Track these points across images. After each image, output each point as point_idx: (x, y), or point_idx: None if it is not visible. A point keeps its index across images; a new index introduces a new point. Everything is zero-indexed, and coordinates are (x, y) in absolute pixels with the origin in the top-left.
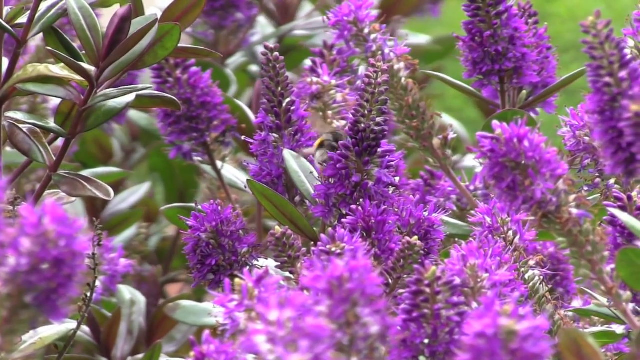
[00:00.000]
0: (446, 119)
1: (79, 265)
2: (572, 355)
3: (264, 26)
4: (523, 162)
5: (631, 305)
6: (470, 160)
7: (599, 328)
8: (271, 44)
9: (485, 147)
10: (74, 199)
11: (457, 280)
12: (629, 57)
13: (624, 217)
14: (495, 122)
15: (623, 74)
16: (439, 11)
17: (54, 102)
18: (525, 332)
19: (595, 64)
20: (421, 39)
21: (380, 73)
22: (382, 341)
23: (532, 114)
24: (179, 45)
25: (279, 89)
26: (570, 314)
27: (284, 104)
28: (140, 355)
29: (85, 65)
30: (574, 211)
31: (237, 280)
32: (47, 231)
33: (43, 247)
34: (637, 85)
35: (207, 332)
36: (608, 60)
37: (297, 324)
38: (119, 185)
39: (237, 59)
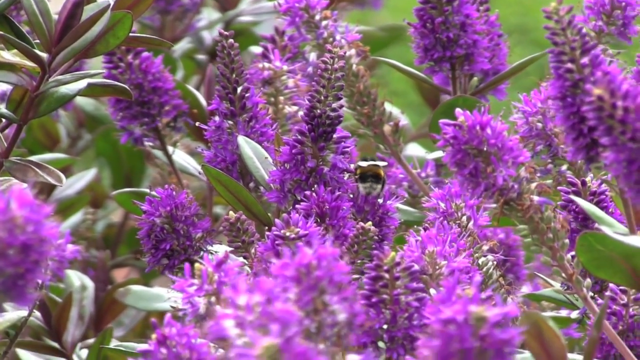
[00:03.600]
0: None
1: (46, 251)
2: (533, 339)
3: (210, 11)
4: (485, 149)
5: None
6: (414, 148)
7: (549, 313)
8: (217, 29)
9: (448, 134)
10: (25, 185)
11: (416, 267)
12: (590, 43)
13: (583, 203)
14: (458, 110)
15: (585, 60)
16: (380, 4)
17: (5, 88)
18: (494, 318)
19: (557, 50)
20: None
21: (336, 59)
22: (350, 328)
23: (482, 101)
24: (131, 34)
25: (234, 75)
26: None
27: (238, 91)
28: (91, 340)
29: (38, 51)
30: (536, 198)
31: (196, 264)
32: (15, 217)
33: (10, 232)
34: (599, 71)
35: (168, 315)
36: (570, 46)
37: (265, 309)
38: (65, 172)
39: (183, 44)
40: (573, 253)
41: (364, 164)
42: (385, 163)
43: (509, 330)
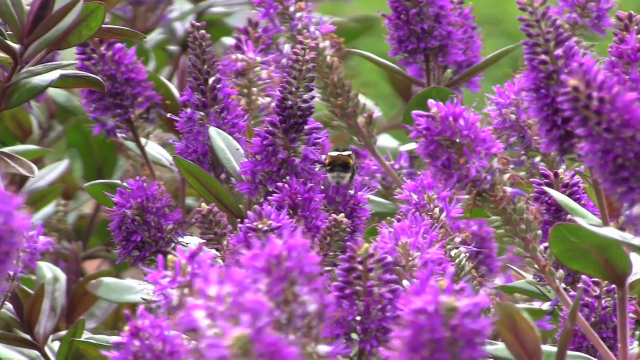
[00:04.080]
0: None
1: (17, 243)
2: (507, 330)
3: (182, 2)
4: (458, 140)
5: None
6: (386, 140)
7: (522, 305)
8: (189, 20)
9: (421, 125)
10: None
11: (389, 258)
12: (564, 34)
13: (556, 194)
14: (430, 101)
15: (559, 51)
16: None
17: None
18: (465, 308)
19: (531, 42)
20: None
21: (308, 50)
22: (320, 319)
23: (456, 92)
24: (103, 25)
25: (205, 66)
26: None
27: (210, 82)
28: (63, 332)
29: (9, 42)
30: (508, 189)
31: (170, 256)
32: None
33: None
34: (573, 62)
35: (141, 307)
36: (544, 38)
37: (236, 300)
38: (37, 163)
39: (155, 35)
40: (546, 244)
41: (333, 153)
42: (349, 152)
43: (480, 320)
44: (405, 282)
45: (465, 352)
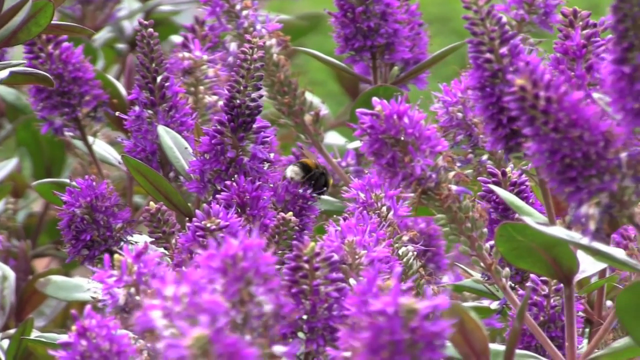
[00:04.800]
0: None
1: None
2: (455, 330)
3: (130, 1)
4: (403, 138)
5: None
6: (334, 137)
7: (470, 303)
8: (137, 19)
9: (365, 123)
10: None
11: (336, 257)
12: (509, 33)
13: (503, 193)
14: (375, 99)
15: (504, 50)
16: None
17: None
18: (425, 310)
19: (476, 40)
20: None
21: (256, 49)
22: (276, 319)
23: (403, 90)
24: (52, 22)
25: (153, 65)
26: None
27: (158, 80)
28: (12, 330)
29: None
30: (454, 187)
31: (116, 255)
32: None
33: None
34: (519, 61)
35: (88, 307)
36: (489, 36)
37: (192, 300)
38: None
39: (104, 34)
40: (492, 243)
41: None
42: (323, 167)
43: (440, 322)
44: (351, 281)
45: (425, 354)
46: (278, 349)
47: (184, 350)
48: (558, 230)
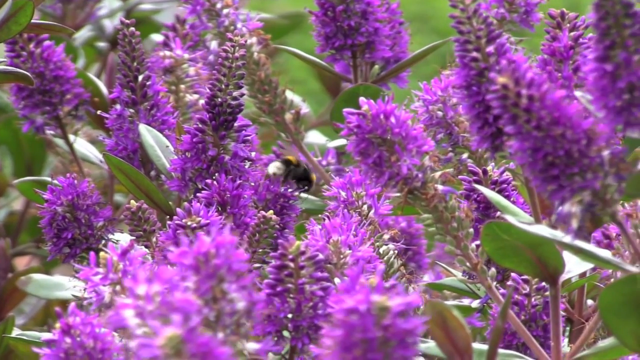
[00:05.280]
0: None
1: None
2: (438, 328)
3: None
4: (389, 138)
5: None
6: (314, 136)
7: (451, 302)
8: (118, 17)
9: (352, 123)
10: None
11: (321, 256)
12: (496, 31)
13: (488, 192)
14: (362, 99)
15: (490, 48)
16: None
17: None
18: (397, 308)
19: (462, 39)
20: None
21: (237, 47)
22: (249, 317)
23: (383, 89)
24: (33, 21)
25: (135, 63)
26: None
27: (139, 79)
28: None
29: None
30: (440, 187)
31: (102, 253)
32: None
33: None
34: (504, 60)
35: (73, 304)
36: (475, 35)
37: (165, 299)
38: None
39: (84, 32)
40: (478, 242)
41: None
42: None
43: (412, 320)
44: (336, 280)
45: (398, 351)
46: (251, 346)
47: (157, 350)
48: (541, 229)
